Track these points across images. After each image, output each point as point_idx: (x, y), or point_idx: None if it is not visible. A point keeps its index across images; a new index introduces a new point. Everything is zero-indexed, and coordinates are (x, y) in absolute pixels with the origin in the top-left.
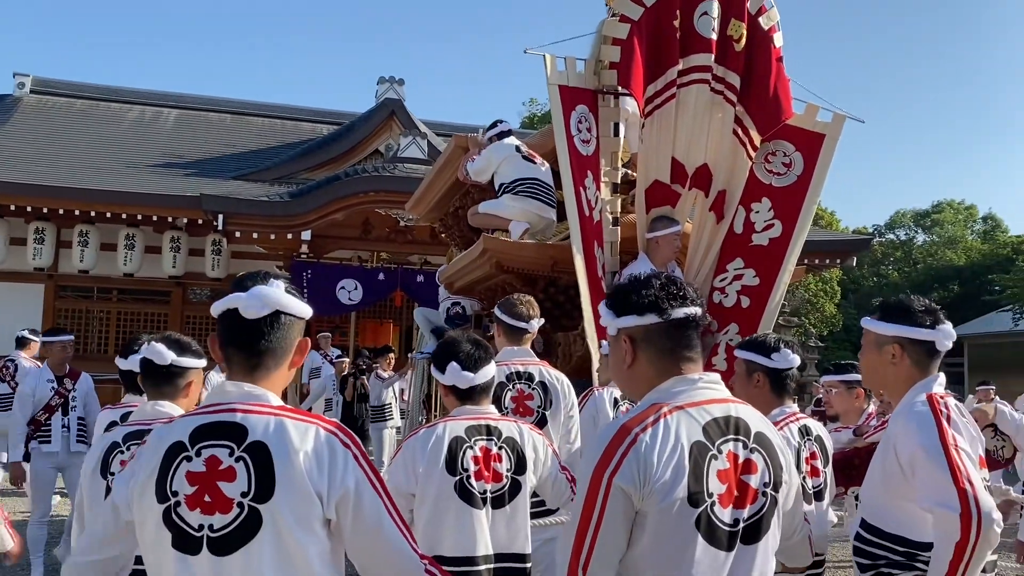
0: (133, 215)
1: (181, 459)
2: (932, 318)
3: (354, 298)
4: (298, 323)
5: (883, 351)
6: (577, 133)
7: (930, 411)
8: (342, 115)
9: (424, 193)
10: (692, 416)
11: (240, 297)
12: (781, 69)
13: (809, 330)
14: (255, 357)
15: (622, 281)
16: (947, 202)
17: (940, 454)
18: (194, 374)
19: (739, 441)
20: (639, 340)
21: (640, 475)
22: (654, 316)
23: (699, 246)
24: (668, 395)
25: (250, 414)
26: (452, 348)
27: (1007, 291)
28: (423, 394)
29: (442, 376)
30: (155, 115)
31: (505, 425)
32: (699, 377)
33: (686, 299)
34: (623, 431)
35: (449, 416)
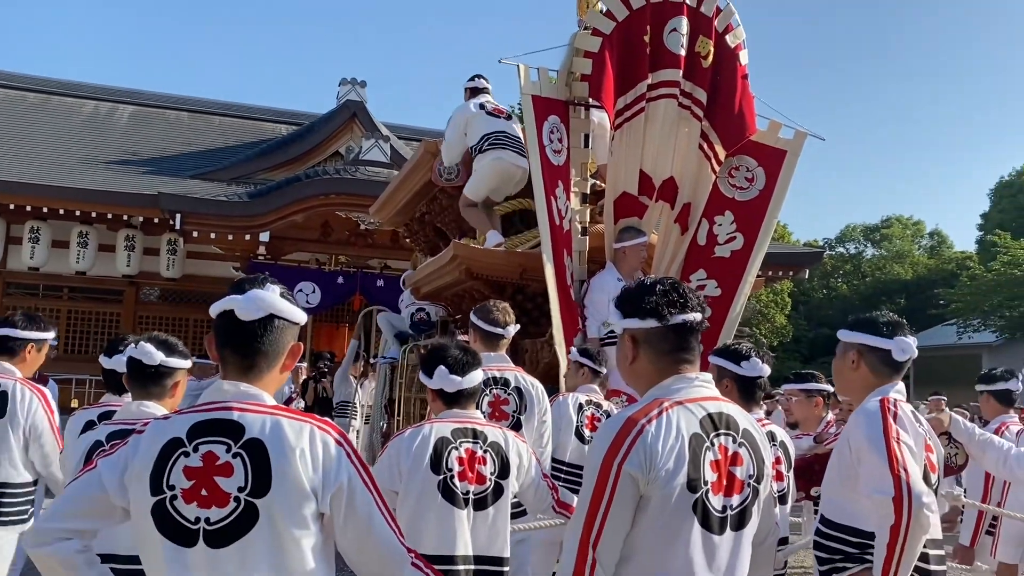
0: (87, 212)
1: (179, 454)
2: (891, 329)
3: (312, 301)
4: (291, 328)
5: (845, 356)
6: (549, 143)
7: (879, 409)
8: (303, 116)
9: (389, 197)
10: (690, 410)
11: (237, 299)
12: (746, 86)
13: (760, 340)
14: (249, 358)
15: (629, 285)
16: (896, 217)
17: (881, 444)
18: (180, 375)
19: (729, 435)
20: (640, 341)
21: (647, 462)
22: (654, 321)
23: (664, 256)
24: (668, 391)
25: (247, 412)
26: (441, 353)
27: (951, 305)
28: (385, 399)
29: (429, 380)
30: (110, 111)
31: (491, 430)
32: (696, 376)
33: (686, 306)
34: (630, 422)
35: (436, 419)
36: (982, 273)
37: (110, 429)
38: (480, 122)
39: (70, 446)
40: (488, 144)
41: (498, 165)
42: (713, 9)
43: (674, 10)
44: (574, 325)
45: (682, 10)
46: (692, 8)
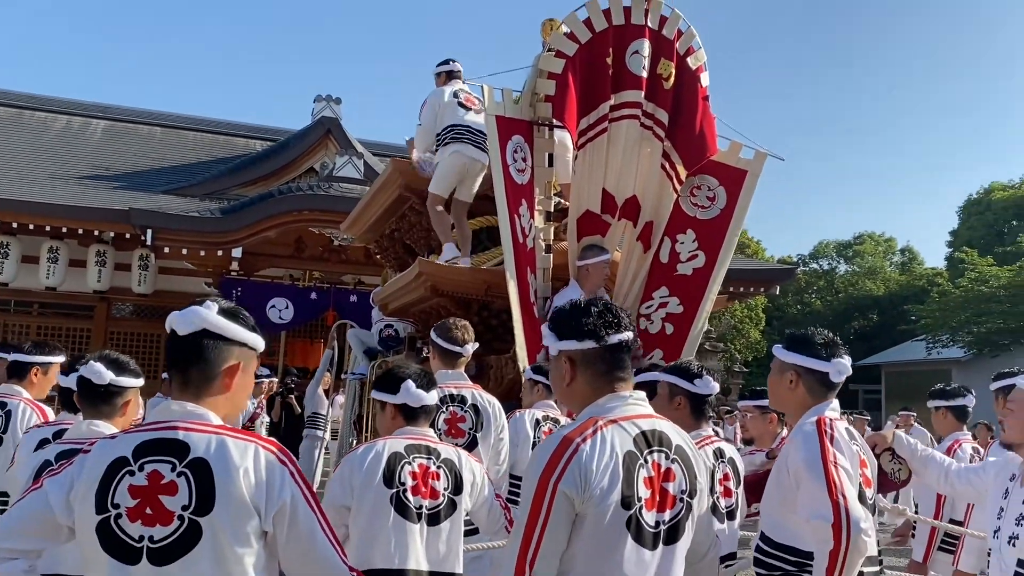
0: (57, 227)
1: (124, 473)
2: (829, 351)
3: (284, 317)
4: (230, 347)
5: (783, 376)
6: (513, 162)
7: (816, 431)
8: (277, 132)
9: (360, 214)
10: (624, 428)
11: (175, 315)
12: (707, 107)
13: (735, 355)
14: (183, 373)
15: (563, 306)
16: (868, 234)
17: (820, 469)
18: (131, 393)
19: (662, 452)
20: (578, 362)
21: (581, 481)
22: (592, 342)
23: (627, 274)
24: (603, 410)
25: (192, 432)
26: (404, 370)
27: (921, 321)
28: (354, 415)
29: (393, 396)
30: (83, 125)
31: (444, 448)
32: (629, 395)
33: (620, 326)
34: (565, 442)
35: (389, 436)
36: (951, 290)
37: (59, 448)
38: (449, 112)
39: (21, 463)
40: (450, 136)
41: (456, 159)
42: (675, 32)
43: (636, 33)
44: (537, 342)
45: (644, 33)
46: (654, 31)
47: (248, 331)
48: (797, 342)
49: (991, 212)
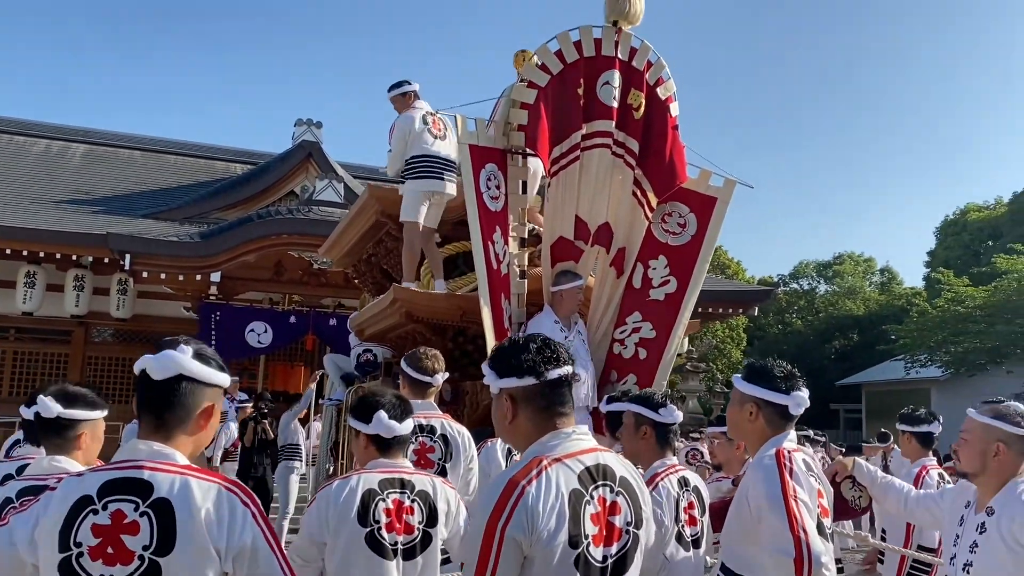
0: (35, 252)
1: (87, 512)
2: (788, 384)
3: (263, 341)
4: (205, 389)
5: (743, 409)
6: (486, 190)
7: (775, 464)
8: (258, 155)
9: (338, 238)
10: (568, 467)
11: (148, 359)
12: (676, 136)
13: (716, 376)
14: (159, 418)
15: (502, 344)
16: (847, 254)
17: (780, 504)
18: (85, 426)
19: (607, 486)
20: (519, 399)
21: (528, 524)
22: (532, 378)
23: (600, 299)
24: (547, 448)
25: (157, 472)
26: (377, 398)
27: (900, 341)
28: (331, 441)
29: (366, 426)
30: (62, 149)
31: (419, 479)
32: (572, 430)
33: (559, 361)
34: (511, 485)
35: (364, 469)
36: (928, 310)
37: (20, 485)
38: (418, 140)
39: None
40: (418, 169)
41: (423, 193)
42: (644, 63)
43: (607, 64)
44: None
45: (614, 64)
46: (624, 62)
47: (220, 372)
48: (757, 374)
49: (967, 233)
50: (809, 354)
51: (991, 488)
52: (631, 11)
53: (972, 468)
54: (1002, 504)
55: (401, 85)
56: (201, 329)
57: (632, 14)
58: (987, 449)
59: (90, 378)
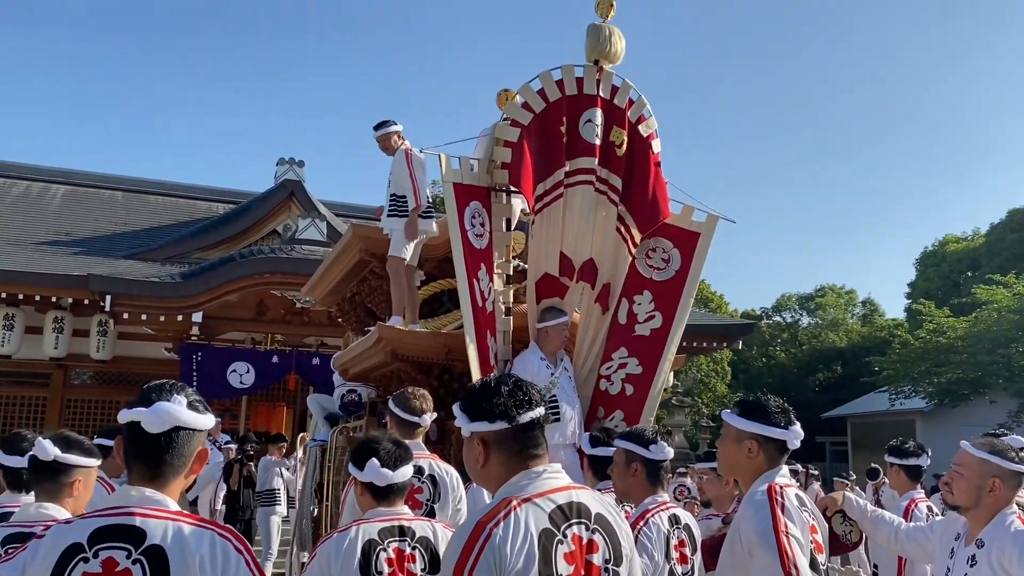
0: (14, 294)
1: (78, 560)
2: (786, 419)
3: (246, 381)
4: (198, 435)
5: (742, 445)
6: (471, 228)
7: (767, 500)
8: (240, 195)
9: (321, 277)
10: (539, 506)
11: (142, 412)
12: (659, 173)
13: (701, 409)
14: (155, 468)
15: (473, 386)
16: (829, 286)
17: (772, 540)
18: (80, 473)
19: (582, 524)
20: (491, 443)
21: (496, 566)
22: (504, 423)
23: (586, 335)
24: (517, 488)
25: (149, 518)
26: (373, 445)
27: (883, 372)
28: (315, 483)
29: (360, 472)
30: (43, 191)
31: (419, 525)
32: (543, 469)
33: (531, 403)
34: (478, 528)
35: (362, 519)
36: (910, 341)
37: (5, 532)
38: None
39: None
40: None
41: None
42: (626, 101)
43: (589, 102)
44: None
45: (596, 102)
46: (606, 100)
47: (210, 417)
48: (754, 410)
49: (946, 264)
50: (794, 386)
51: (981, 521)
52: (612, 51)
53: (966, 502)
54: (991, 536)
55: (387, 124)
56: (182, 370)
57: (613, 53)
58: (983, 484)
59: (68, 421)
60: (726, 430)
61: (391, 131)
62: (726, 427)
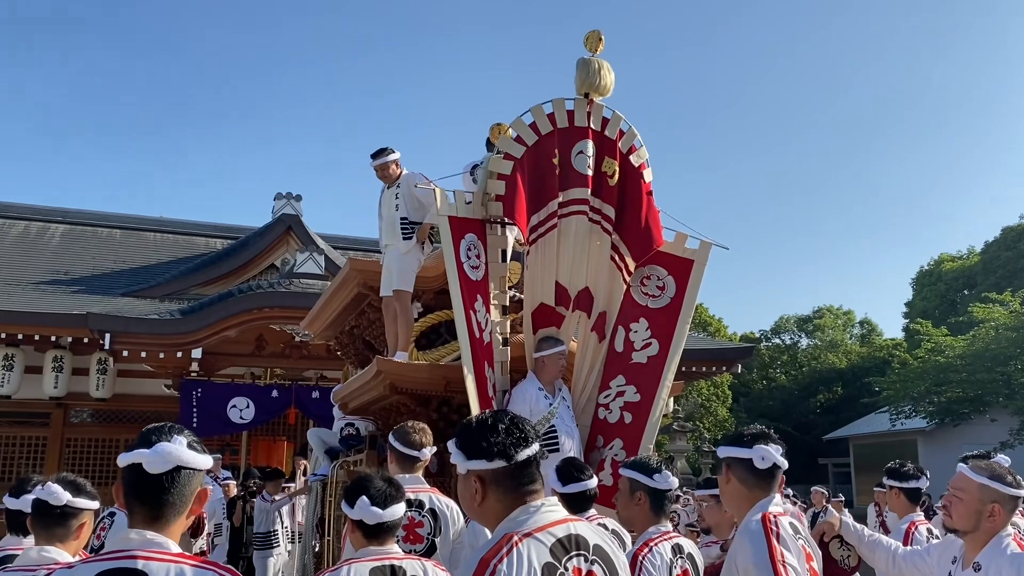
0: (13, 334)
1: None
2: (751, 439)
3: (246, 417)
4: (198, 475)
5: (721, 473)
6: (467, 260)
7: (762, 529)
8: (238, 230)
9: (320, 311)
10: (539, 540)
11: (144, 453)
12: (651, 201)
13: (703, 434)
14: (157, 509)
15: (468, 423)
16: (827, 308)
17: (768, 570)
18: (86, 516)
19: (581, 555)
20: (488, 481)
21: None
22: (502, 461)
23: (583, 364)
24: (516, 524)
25: (151, 561)
26: (364, 483)
27: (883, 393)
28: (316, 517)
29: (351, 510)
30: (41, 230)
31: (409, 564)
32: (541, 503)
33: (527, 440)
34: (482, 565)
35: (353, 558)
36: (909, 361)
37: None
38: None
39: None
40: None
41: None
42: (616, 132)
43: (580, 134)
44: None
45: (587, 134)
46: (597, 132)
47: (208, 458)
48: (727, 437)
49: (943, 283)
50: (795, 409)
51: (979, 544)
52: (601, 83)
53: (965, 527)
54: (988, 559)
55: (385, 152)
56: (183, 407)
57: (602, 86)
58: (982, 510)
59: (68, 460)
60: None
61: (390, 160)
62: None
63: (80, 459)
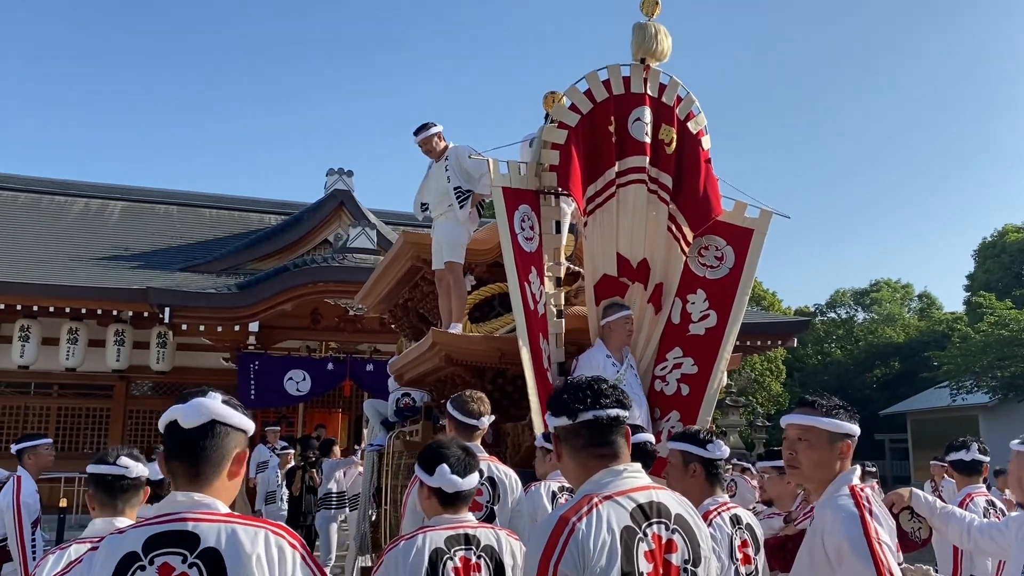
0: (77, 309)
1: (135, 569)
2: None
3: (302, 389)
4: (236, 434)
5: (834, 447)
6: (520, 231)
7: (854, 504)
8: (291, 205)
9: (373, 285)
10: (620, 504)
11: (179, 408)
12: (710, 170)
13: (756, 409)
14: (194, 466)
15: (561, 380)
16: (884, 281)
17: (864, 547)
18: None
19: (662, 523)
20: (561, 438)
21: (580, 560)
22: (566, 418)
23: (639, 336)
24: (598, 486)
25: (201, 522)
26: (443, 450)
27: (943, 367)
28: (373, 487)
29: (429, 477)
30: (101, 207)
31: (483, 533)
32: (624, 468)
33: (597, 403)
34: (562, 522)
35: (428, 526)
36: (971, 334)
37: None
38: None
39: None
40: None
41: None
42: (674, 98)
43: (637, 101)
44: None
45: (644, 101)
46: (654, 98)
47: (248, 418)
48: (836, 409)
49: (1007, 254)
50: (850, 384)
51: None
52: (658, 48)
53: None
54: None
55: (428, 127)
56: (240, 379)
57: (659, 51)
58: None
59: (131, 431)
60: (813, 434)
61: (432, 133)
62: (812, 432)
63: (141, 430)
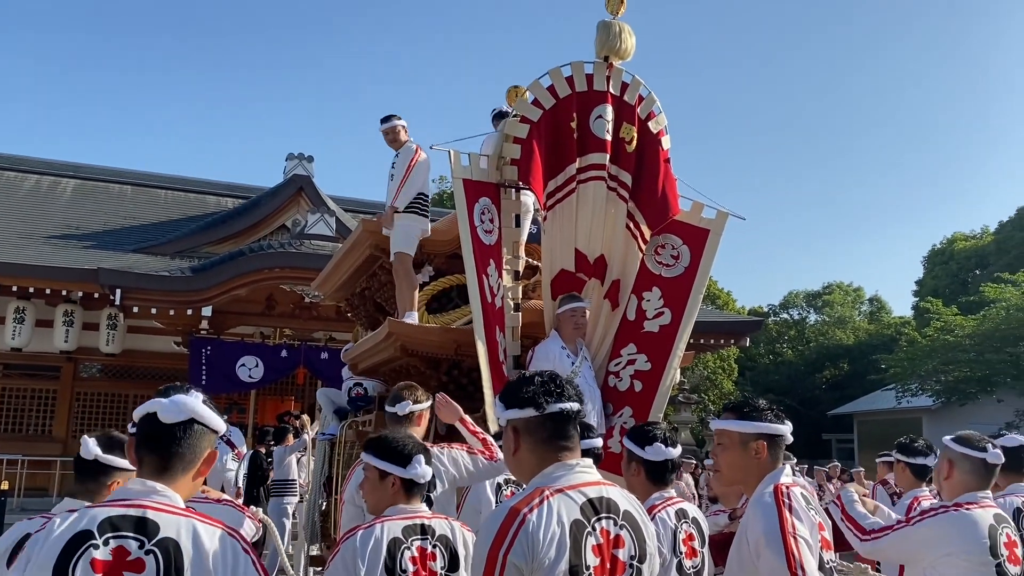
0: (25, 288)
1: (87, 546)
2: (778, 415)
3: (255, 375)
4: (210, 435)
5: (748, 448)
6: (480, 224)
7: (774, 501)
8: (249, 189)
9: (331, 273)
10: (570, 497)
11: (160, 402)
12: (668, 169)
13: (708, 406)
14: (166, 460)
15: (511, 377)
16: (836, 284)
17: (779, 541)
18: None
19: (611, 519)
20: (521, 431)
21: (529, 551)
22: (532, 410)
23: (595, 332)
24: (550, 479)
25: (161, 512)
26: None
27: (890, 370)
28: (324, 476)
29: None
30: (53, 184)
31: (438, 523)
32: (576, 463)
33: (563, 396)
34: (513, 512)
35: (384, 516)
36: (918, 339)
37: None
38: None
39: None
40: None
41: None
42: (636, 97)
43: (599, 98)
44: None
45: (606, 98)
46: (616, 96)
47: (221, 422)
48: (752, 411)
49: (955, 262)
50: (800, 384)
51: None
52: (622, 47)
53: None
54: None
55: (392, 118)
56: (192, 364)
57: (623, 50)
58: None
59: (78, 414)
60: (727, 437)
61: (397, 124)
62: (726, 435)
63: (89, 413)
